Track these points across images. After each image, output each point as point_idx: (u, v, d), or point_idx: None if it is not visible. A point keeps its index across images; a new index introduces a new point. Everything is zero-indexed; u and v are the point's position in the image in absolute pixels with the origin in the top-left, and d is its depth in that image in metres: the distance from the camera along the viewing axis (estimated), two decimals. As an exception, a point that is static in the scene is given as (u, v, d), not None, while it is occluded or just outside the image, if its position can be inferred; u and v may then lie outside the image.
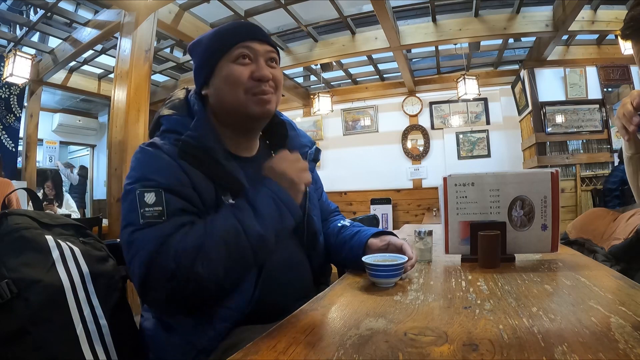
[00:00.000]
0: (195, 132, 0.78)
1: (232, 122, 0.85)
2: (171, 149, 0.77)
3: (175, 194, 0.72)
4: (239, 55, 0.81)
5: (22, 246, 0.71)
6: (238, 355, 0.50)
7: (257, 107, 0.81)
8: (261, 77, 0.81)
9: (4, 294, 0.65)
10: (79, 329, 0.70)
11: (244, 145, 0.89)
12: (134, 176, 0.74)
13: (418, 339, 0.52)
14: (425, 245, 1.07)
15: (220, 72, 0.82)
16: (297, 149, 0.97)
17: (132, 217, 0.70)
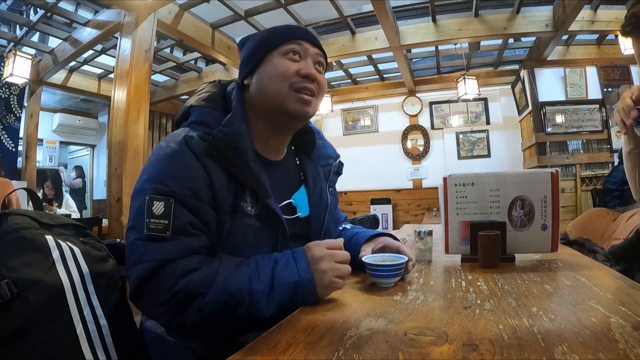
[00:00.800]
0: (228, 128, 0.76)
1: (268, 117, 0.83)
2: (199, 144, 0.74)
3: (186, 207, 0.70)
4: (289, 50, 0.80)
5: (22, 246, 0.71)
6: (238, 356, 0.50)
7: (297, 105, 0.80)
8: (308, 75, 0.80)
9: (4, 294, 0.65)
10: (79, 329, 0.70)
11: (273, 146, 0.87)
12: (151, 173, 0.72)
13: (418, 339, 0.52)
14: (425, 245, 1.07)
15: (269, 63, 0.81)
16: (324, 159, 0.97)
17: (138, 222, 0.70)
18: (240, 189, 0.76)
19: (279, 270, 0.69)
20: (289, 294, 0.68)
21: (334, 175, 0.99)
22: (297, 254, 0.72)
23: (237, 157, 0.75)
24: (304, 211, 0.89)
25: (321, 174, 0.95)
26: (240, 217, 0.76)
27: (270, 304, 0.67)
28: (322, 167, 0.96)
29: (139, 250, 0.69)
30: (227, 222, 0.74)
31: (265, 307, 0.67)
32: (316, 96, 0.83)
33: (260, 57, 0.82)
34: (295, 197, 0.88)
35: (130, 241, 0.70)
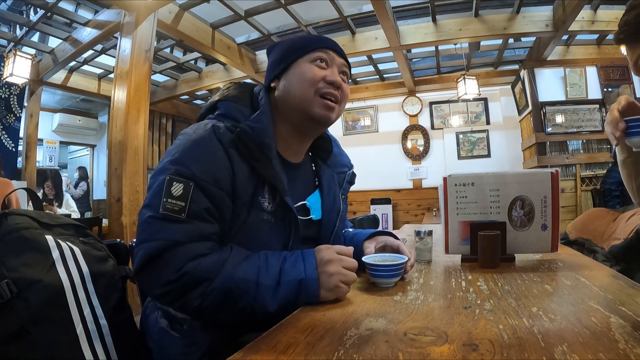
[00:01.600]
0: (256, 124, 0.78)
1: (292, 120, 0.85)
2: (226, 134, 0.76)
3: (204, 192, 0.71)
4: (317, 58, 0.84)
5: (22, 246, 0.71)
6: (238, 355, 0.50)
7: (321, 109, 0.83)
8: (333, 82, 0.83)
9: (4, 294, 0.65)
10: (79, 329, 0.70)
11: (294, 149, 0.89)
12: (174, 155, 0.73)
13: (418, 339, 0.52)
14: (425, 245, 1.07)
15: (297, 68, 0.84)
16: (339, 166, 1.00)
17: (154, 201, 0.70)
18: (260, 184, 0.78)
19: (287, 267, 0.71)
20: (293, 291, 0.69)
21: (347, 183, 1.02)
22: (306, 254, 0.73)
23: (261, 152, 0.77)
24: (317, 214, 0.91)
25: (336, 180, 0.98)
26: (257, 211, 0.77)
27: (274, 299, 0.68)
28: (337, 175, 0.99)
29: (151, 228, 0.69)
30: (243, 214, 0.76)
31: (270, 302, 0.68)
32: (339, 103, 0.86)
33: (289, 61, 0.85)
34: (310, 199, 0.90)
35: (144, 219, 0.71)
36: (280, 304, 0.68)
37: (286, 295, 0.68)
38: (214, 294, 0.67)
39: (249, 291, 0.67)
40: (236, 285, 0.67)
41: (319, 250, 0.74)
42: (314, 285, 0.69)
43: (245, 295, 0.67)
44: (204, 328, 0.74)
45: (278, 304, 0.68)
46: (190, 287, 0.67)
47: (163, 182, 0.70)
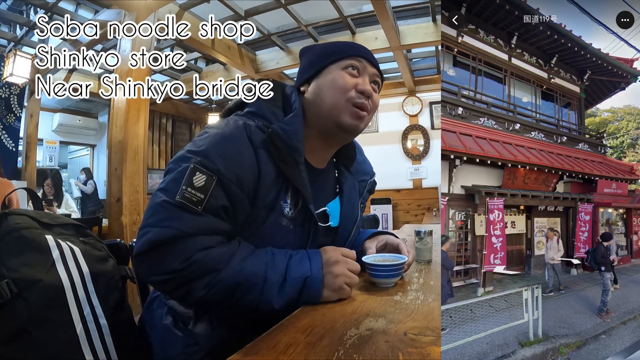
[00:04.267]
0: (289, 126, 0.77)
1: (320, 126, 0.84)
2: (257, 133, 0.75)
3: (225, 190, 0.70)
4: (349, 65, 0.82)
5: (22, 246, 0.71)
6: (238, 355, 0.50)
7: (351, 118, 0.81)
8: (364, 91, 0.82)
9: (4, 294, 0.65)
10: (79, 329, 0.70)
11: (320, 155, 0.88)
12: (201, 147, 0.71)
13: (418, 339, 0.52)
14: (425, 245, 1.07)
15: (328, 74, 0.83)
16: (361, 174, 0.99)
17: (172, 187, 0.69)
18: (284, 189, 0.77)
19: (293, 264, 0.71)
20: (298, 289, 0.69)
21: (367, 192, 1.01)
22: (312, 253, 0.74)
23: (290, 156, 0.75)
24: (335, 221, 0.90)
25: (357, 188, 0.97)
26: (276, 215, 0.76)
27: (280, 296, 0.68)
28: (359, 183, 0.98)
29: (164, 214, 0.67)
30: (261, 217, 0.75)
31: (275, 299, 0.67)
32: (369, 113, 0.84)
33: (320, 67, 0.84)
34: (330, 206, 0.89)
35: (158, 202, 0.68)
36: (286, 301, 0.68)
37: (291, 292, 0.68)
38: (220, 285, 0.67)
39: (256, 286, 0.67)
40: (245, 279, 0.67)
41: (325, 250, 0.74)
42: (318, 285, 0.69)
43: (252, 290, 0.67)
44: (208, 329, 0.74)
45: (283, 300, 0.68)
46: (196, 276, 0.66)
47: (186, 170, 0.68)
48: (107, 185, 3.06)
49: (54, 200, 3.86)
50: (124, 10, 3.04)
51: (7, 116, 4.23)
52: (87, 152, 6.71)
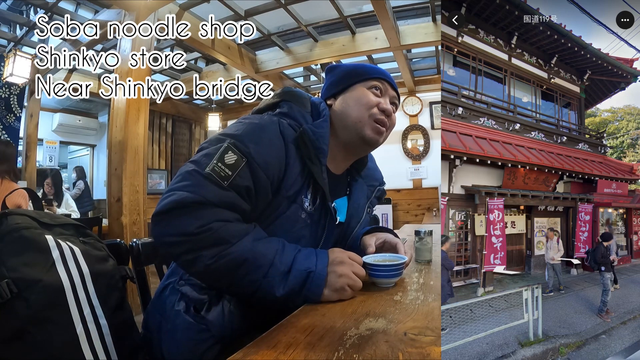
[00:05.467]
0: (318, 129, 0.83)
1: (343, 137, 0.91)
2: (289, 130, 0.81)
3: (252, 173, 0.74)
4: (373, 86, 0.91)
5: (22, 246, 0.71)
6: (238, 355, 0.50)
7: (372, 132, 0.89)
8: (385, 110, 0.90)
9: (4, 293, 0.65)
10: (79, 328, 0.70)
11: (339, 163, 0.94)
12: (236, 132, 0.77)
13: (418, 339, 0.52)
14: (425, 245, 1.07)
15: (354, 91, 0.91)
16: (371, 179, 1.06)
17: (203, 160, 0.73)
18: (306, 185, 0.82)
19: (300, 257, 0.73)
20: (301, 282, 0.70)
21: (375, 198, 1.08)
22: (320, 252, 0.77)
23: (316, 156, 0.81)
24: (342, 216, 0.96)
25: (365, 191, 1.03)
26: (297, 208, 0.82)
27: (282, 284, 0.70)
28: (367, 187, 1.05)
29: (192, 180, 0.71)
30: (283, 207, 0.80)
31: (277, 286, 0.70)
32: (387, 129, 0.92)
33: (347, 84, 0.92)
34: (337, 201, 0.94)
35: (187, 170, 0.73)
36: (287, 291, 0.70)
37: (293, 284, 0.70)
38: (228, 257, 0.69)
39: (262, 267, 0.70)
40: (253, 257, 0.69)
41: (333, 251, 0.77)
42: (320, 281, 0.71)
43: (257, 270, 0.69)
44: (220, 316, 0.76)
45: (285, 290, 0.70)
46: (208, 244, 0.68)
47: (219, 147, 0.73)
48: (107, 185, 3.06)
49: (53, 200, 3.86)
50: (124, 10, 3.04)
51: (7, 116, 4.23)
52: (87, 152, 6.71)
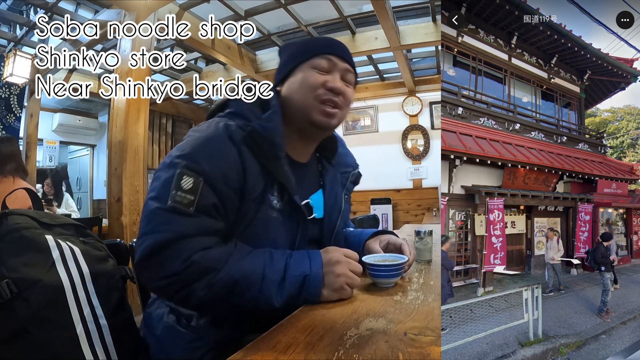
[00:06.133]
0: (268, 123, 0.79)
1: (296, 124, 0.86)
2: (238, 132, 0.77)
3: (213, 189, 0.72)
4: (319, 63, 0.85)
5: (22, 246, 0.71)
6: (238, 355, 0.50)
7: (321, 116, 0.83)
8: (333, 88, 0.83)
9: (4, 293, 0.65)
10: (79, 329, 0.70)
11: (300, 150, 0.90)
12: (185, 150, 0.74)
13: (418, 339, 0.52)
14: (425, 245, 1.07)
15: (299, 74, 0.85)
16: (343, 166, 1.01)
17: (162, 193, 0.70)
18: (269, 182, 0.79)
19: (292, 263, 0.72)
20: (298, 287, 0.69)
21: (350, 183, 1.02)
22: (312, 253, 0.75)
23: (271, 151, 0.78)
24: (319, 213, 0.92)
25: (338, 179, 0.99)
26: (266, 207, 0.78)
27: (279, 293, 0.69)
28: (341, 175, 1.00)
29: (159, 220, 0.69)
30: (252, 210, 0.77)
31: (275, 296, 0.68)
32: (341, 108, 0.86)
33: (292, 67, 0.87)
34: (313, 198, 0.91)
35: (151, 209, 0.71)
36: (285, 299, 0.69)
37: (291, 290, 0.69)
38: (220, 284, 0.68)
39: (254, 283, 0.68)
40: (243, 277, 0.68)
41: (327, 250, 0.76)
42: (318, 283, 0.70)
43: (250, 288, 0.68)
44: (211, 325, 0.75)
45: (283, 298, 0.69)
46: (196, 277, 0.67)
47: (173, 175, 0.71)
48: (107, 185, 3.06)
49: (54, 200, 3.86)
50: (124, 10, 3.04)
51: (7, 116, 4.23)
52: (87, 152, 6.71)
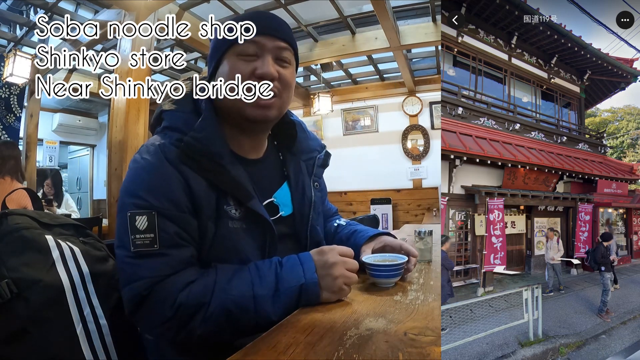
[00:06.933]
0: (200, 133, 0.72)
1: (233, 121, 0.79)
2: (172, 151, 0.71)
3: (168, 219, 0.68)
4: (243, 49, 0.75)
5: (23, 246, 0.71)
6: (238, 355, 0.50)
7: (255, 110, 0.75)
8: (263, 75, 0.74)
9: (4, 294, 0.65)
10: (78, 328, 0.70)
11: (249, 146, 0.83)
12: (128, 189, 0.71)
13: (418, 339, 0.52)
14: (425, 245, 1.07)
15: (224, 66, 0.77)
16: (306, 152, 0.92)
17: (124, 240, 0.68)
18: (222, 193, 0.74)
19: (284, 273, 0.69)
20: (295, 297, 0.67)
21: (318, 168, 0.94)
22: (304, 258, 0.72)
23: (212, 162, 0.72)
24: (287, 209, 0.86)
25: (303, 169, 0.91)
26: (225, 220, 0.74)
27: (276, 307, 0.66)
28: (305, 162, 0.92)
29: (130, 269, 0.67)
30: (211, 228, 0.72)
31: (272, 311, 0.66)
32: (279, 96, 0.77)
33: (218, 58, 0.78)
34: (277, 195, 0.85)
35: (120, 260, 0.69)
36: (283, 311, 0.66)
37: (287, 302, 0.67)
38: (214, 317, 0.65)
39: (248, 307, 0.66)
40: (234, 304, 0.65)
41: (321, 252, 0.72)
42: (315, 289, 0.68)
43: (245, 312, 0.66)
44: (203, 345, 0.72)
45: (280, 311, 0.66)
46: (189, 317, 0.65)
47: (125, 219, 0.67)
48: (107, 185, 3.06)
49: (54, 200, 3.86)
50: (124, 10, 3.04)
51: (7, 116, 4.23)
52: (87, 152, 6.71)
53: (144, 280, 0.65)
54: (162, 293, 0.65)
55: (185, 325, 0.65)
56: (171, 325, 0.65)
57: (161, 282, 0.66)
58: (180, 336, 0.66)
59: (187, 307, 0.65)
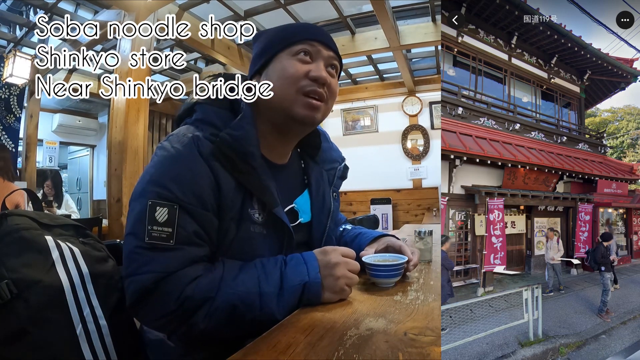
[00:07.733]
0: (237, 131, 0.71)
1: (274, 121, 0.79)
2: (206, 145, 0.70)
3: (190, 215, 0.67)
4: (300, 51, 0.76)
5: (22, 247, 0.71)
6: (238, 355, 0.50)
7: (304, 110, 0.75)
8: (317, 78, 0.75)
9: (4, 294, 0.65)
10: (79, 329, 0.70)
11: (279, 150, 0.83)
12: (153, 175, 0.68)
13: (418, 339, 0.52)
14: (425, 245, 1.07)
15: (277, 64, 0.77)
16: (329, 162, 0.94)
17: (138, 229, 0.66)
18: (248, 195, 0.73)
19: (288, 271, 0.69)
20: (297, 296, 0.67)
21: (338, 179, 0.95)
22: (307, 257, 0.71)
23: (244, 162, 0.71)
24: (306, 217, 0.87)
25: (325, 178, 0.92)
26: (247, 224, 0.73)
27: (280, 306, 0.66)
28: (327, 172, 0.93)
29: (140, 260, 0.65)
30: (232, 229, 0.72)
31: (276, 310, 0.66)
32: (326, 101, 0.78)
33: (269, 55, 0.78)
34: (298, 201, 0.86)
35: (131, 249, 0.67)
36: (287, 310, 0.66)
37: (291, 300, 0.67)
38: (218, 312, 0.65)
39: (254, 303, 0.65)
40: (240, 300, 0.65)
41: (324, 252, 0.72)
42: (317, 288, 0.68)
43: (251, 308, 0.65)
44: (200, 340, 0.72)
45: (284, 310, 0.66)
46: (193, 310, 0.64)
47: (145, 208, 0.65)
48: (107, 185, 3.06)
49: (53, 201, 3.86)
50: (123, 11, 3.04)
51: (7, 117, 4.23)
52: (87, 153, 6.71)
53: (152, 274, 0.64)
54: (169, 287, 0.64)
55: (187, 320, 0.65)
56: (173, 318, 0.65)
57: (168, 277, 0.65)
58: (181, 330, 0.66)
59: (192, 300, 0.64)
